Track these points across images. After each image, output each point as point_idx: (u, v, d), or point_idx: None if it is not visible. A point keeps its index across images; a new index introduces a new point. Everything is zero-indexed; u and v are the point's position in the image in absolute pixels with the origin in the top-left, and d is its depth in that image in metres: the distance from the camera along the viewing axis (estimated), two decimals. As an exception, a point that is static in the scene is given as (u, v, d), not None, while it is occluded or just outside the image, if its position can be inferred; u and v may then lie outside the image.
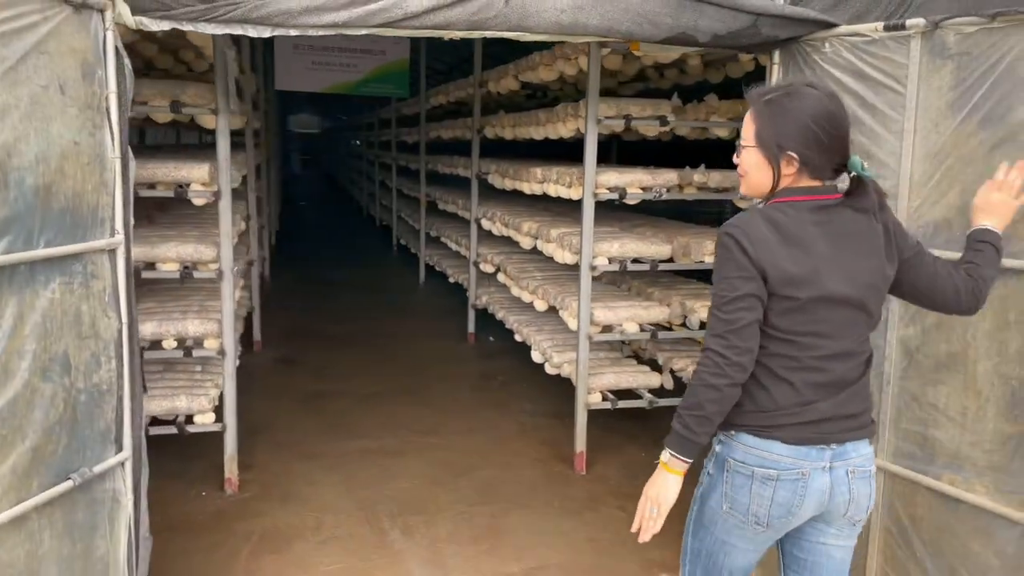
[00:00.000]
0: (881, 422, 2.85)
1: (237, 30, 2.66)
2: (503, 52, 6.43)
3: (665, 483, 2.03)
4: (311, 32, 2.74)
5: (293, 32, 2.71)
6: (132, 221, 2.73)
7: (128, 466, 2.76)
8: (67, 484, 2.47)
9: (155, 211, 5.57)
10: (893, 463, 2.83)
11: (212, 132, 4.01)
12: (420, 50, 9.76)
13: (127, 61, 2.61)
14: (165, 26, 2.60)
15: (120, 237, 2.63)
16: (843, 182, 2.01)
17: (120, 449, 2.72)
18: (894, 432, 2.83)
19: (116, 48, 2.57)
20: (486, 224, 6.79)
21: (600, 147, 4.43)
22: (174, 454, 4.53)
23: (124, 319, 2.67)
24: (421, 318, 8.53)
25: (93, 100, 2.50)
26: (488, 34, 2.90)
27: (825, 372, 1.99)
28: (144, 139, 10.00)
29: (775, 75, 3.18)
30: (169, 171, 3.90)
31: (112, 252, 2.62)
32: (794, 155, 1.96)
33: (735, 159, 2.12)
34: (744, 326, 1.92)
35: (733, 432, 2.06)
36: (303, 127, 39.38)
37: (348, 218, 18.78)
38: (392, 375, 6.41)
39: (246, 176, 6.65)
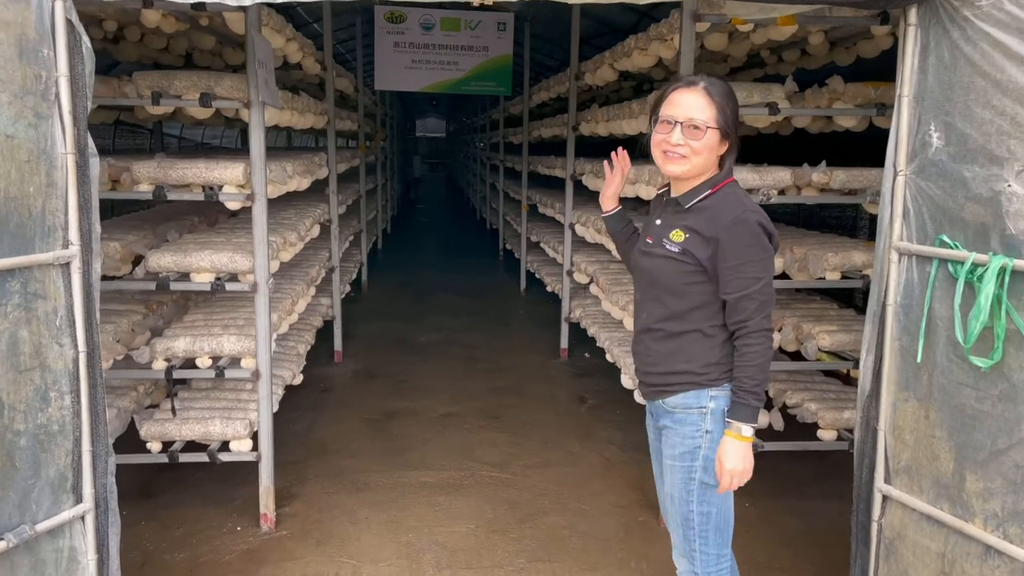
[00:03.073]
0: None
1: (212, -3, 2.18)
2: (610, 43, 5.79)
3: (750, 453, 2.24)
4: (303, -2, 2.23)
5: (280, -2, 2.21)
6: (98, 229, 2.30)
7: (90, 520, 2.34)
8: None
9: (222, 215, 5.28)
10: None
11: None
12: (524, 45, 9.24)
13: (85, 39, 2.18)
14: (126, -6, 2.15)
15: (75, 248, 2.21)
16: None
17: (79, 500, 2.31)
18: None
19: (69, 22, 2.14)
20: (580, 230, 6.16)
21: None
22: (218, 477, 4.18)
23: (82, 346, 2.24)
24: (516, 329, 7.99)
25: (35, 85, 2.08)
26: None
27: None
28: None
29: (912, 40, 2.41)
30: (200, 171, 3.51)
31: (65, 267, 2.20)
32: (733, 136, 2.25)
33: (679, 140, 2.20)
34: (774, 301, 2.23)
35: (724, 384, 2.28)
36: (430, 131, 39.89)
37: (462, 221, 18.52)
38: (473, 393, 5.89)
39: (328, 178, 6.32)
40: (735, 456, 2.21)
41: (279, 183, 4.04)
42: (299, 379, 4.91)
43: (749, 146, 6.46)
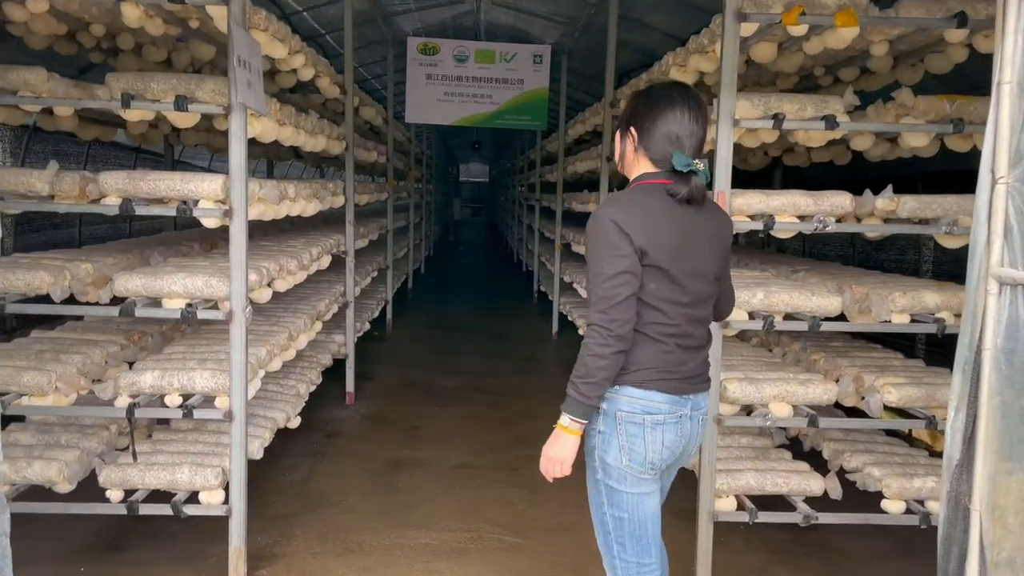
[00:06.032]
0: None
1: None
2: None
3: (566, 444, 2.23)
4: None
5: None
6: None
7: (-30, 591, 1.88)
8: None
9: (222, 241, 4.90)
10: None
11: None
12: (560, 80, 8.89)
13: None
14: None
15: (-41, 253, 1.79)
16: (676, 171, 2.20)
17: (-43, 566, 1.85)
18: None
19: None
20: (613, 268, 5.67)
21: (758, 175, 3.26)
22: (196, 532, 3.71)
23: (-36, 375, 1.81)
24: (543, 375, 7.47)
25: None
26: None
27: (691, 336, 2.27)
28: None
29: (1014, 10, 1.91)
30: (175, 184, 3.13)
31: (-55, 275, 1.78)
32: (632, 132, 2.28)
33: None
34: (622, 300, 2.12)
35: (616, 387, 2.23)
36: (474, 176, 40.05)
37: (498, 263, 18.16)
38: (491, 443, 5.38)
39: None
40: (551, 442, 2.26)
41: (271, 202, 3.63)
42: (296, 422, 4.47)
43: (795, 174, 5.94)
